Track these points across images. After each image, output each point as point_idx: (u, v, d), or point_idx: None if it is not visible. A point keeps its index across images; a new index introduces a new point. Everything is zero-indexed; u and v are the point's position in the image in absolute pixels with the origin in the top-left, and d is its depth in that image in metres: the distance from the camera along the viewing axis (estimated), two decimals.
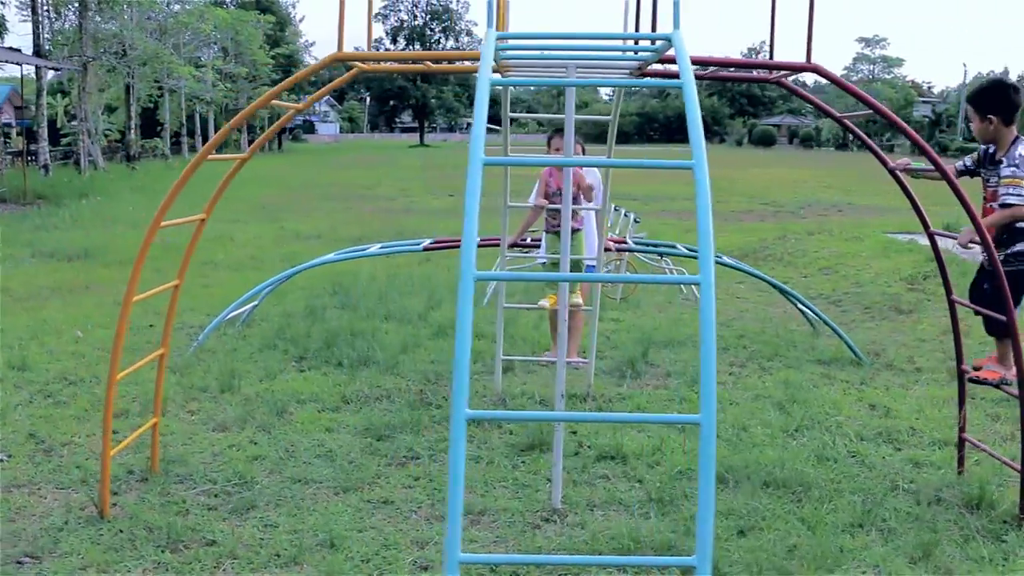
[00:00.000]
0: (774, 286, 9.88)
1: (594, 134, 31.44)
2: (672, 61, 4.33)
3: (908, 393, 7.64)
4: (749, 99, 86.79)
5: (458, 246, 10.27)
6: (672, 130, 72.91)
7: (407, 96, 71.35)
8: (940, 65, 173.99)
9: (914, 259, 13.36)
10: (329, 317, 9.89)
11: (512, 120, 7.08)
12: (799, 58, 4.91)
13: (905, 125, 5.50)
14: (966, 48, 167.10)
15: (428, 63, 4.92)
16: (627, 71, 4.76)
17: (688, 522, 5.03)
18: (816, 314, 9.19)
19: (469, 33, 72.39)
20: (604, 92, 75.82)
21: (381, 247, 9.53)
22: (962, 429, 5.85)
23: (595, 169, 8.12)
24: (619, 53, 4.75)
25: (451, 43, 72.21)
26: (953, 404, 7.27)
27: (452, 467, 3.03)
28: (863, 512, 5.14)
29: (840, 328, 9.13)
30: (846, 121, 5.88)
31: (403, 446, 6.12)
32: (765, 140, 75.79)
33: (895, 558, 4.65)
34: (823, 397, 7.39)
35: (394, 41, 71.88)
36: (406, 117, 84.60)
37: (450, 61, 5.22)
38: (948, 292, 5.78)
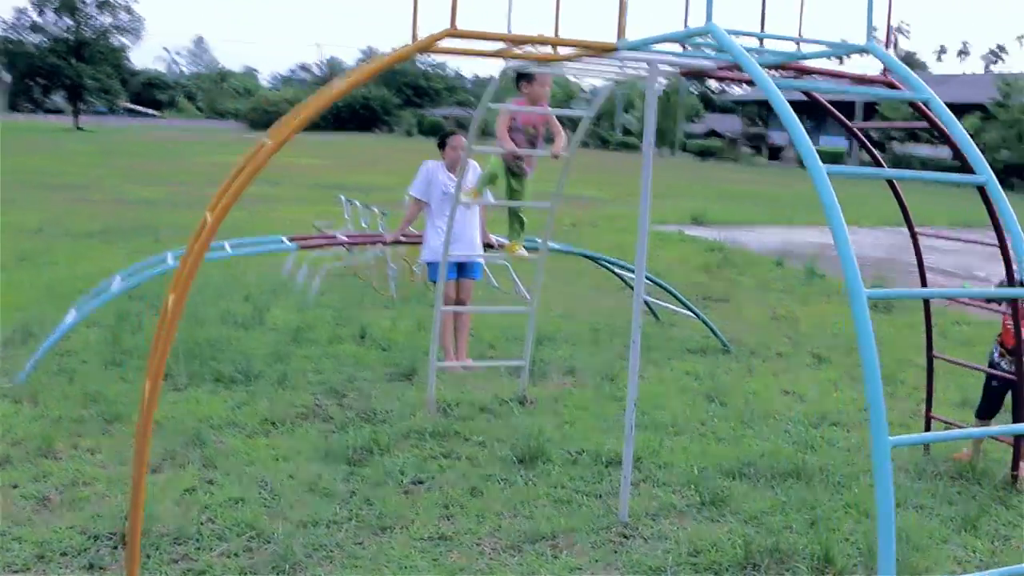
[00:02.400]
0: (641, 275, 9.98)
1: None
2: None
3: (796, 378, 7.99)
4: (415, 90, 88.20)
5: (330, 244, 9.42)
6: (342, 119, 72.29)
7: (59, 74, 64.54)
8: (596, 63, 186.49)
9: (696, 248, 14.18)
10: (150, 325, 8.61)
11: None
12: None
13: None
14: None
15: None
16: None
17: (751, 521, 4.93)
18: (686, 304, 9.37)
19: (129, 10, 66.71)
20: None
21: (233, 245, 8.41)
22: (929, 409, 6.22)
23: (474, 163, 7.78)
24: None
25: (108, 18, 66.16)
26: (848, 386, 7.76)
27: (880, 502, 2.67)
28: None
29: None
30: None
31: (390, 470, 5.42)
32: (434, 130, 76.97)
33: (945, 530, 4.88)
34: (741, 386, 7.54)
35: (40, 13, 64.57)
36: (57, 98, 76.72)
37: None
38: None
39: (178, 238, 12.42)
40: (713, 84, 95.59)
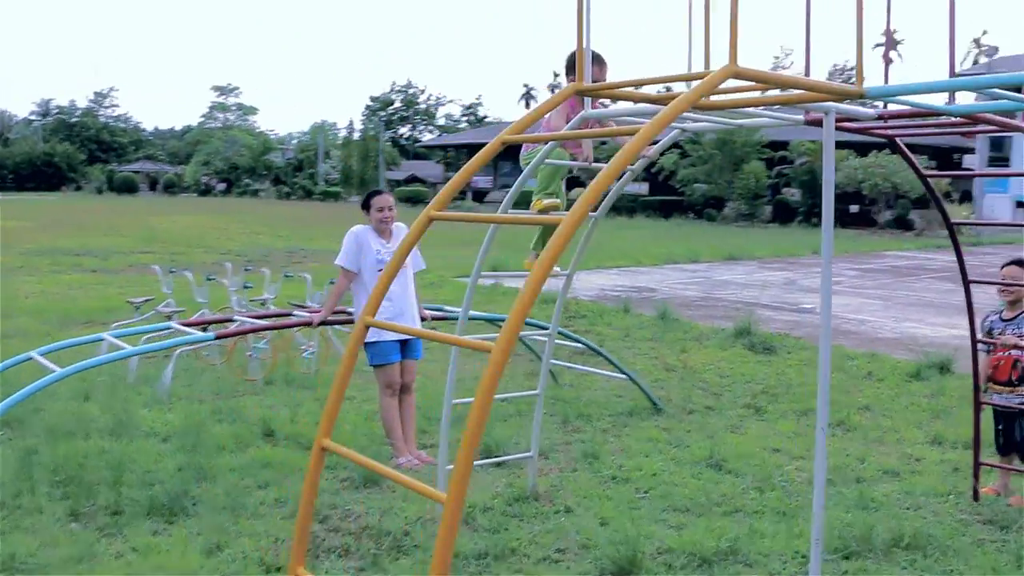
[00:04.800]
0: (580, 341, 9.20)
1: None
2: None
3: (752, 432, 7.62)
4: (99, 144, 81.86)
5: (253, 331, 7.75)
6: (22, 177, 65.13)
7: None
8: (289, 113, 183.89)
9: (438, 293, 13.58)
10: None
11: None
12: None
13: None
14: (311, 97, 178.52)
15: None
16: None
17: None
18: (618, 367, 8.71)
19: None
20: None
21: (137, 340, 6.70)
22: (977, 456, 6.03)
23: (402, 224, 6.83)
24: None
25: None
26: (798, 436, 7.49)
27: None
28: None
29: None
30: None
31: None
32: (128, 187, 71.88)
33: None
34: (733, 448, 7.02)
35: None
36: None
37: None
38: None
39: None
40: (405, 131, 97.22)
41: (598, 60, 4.79)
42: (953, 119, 4.20)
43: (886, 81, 3.62)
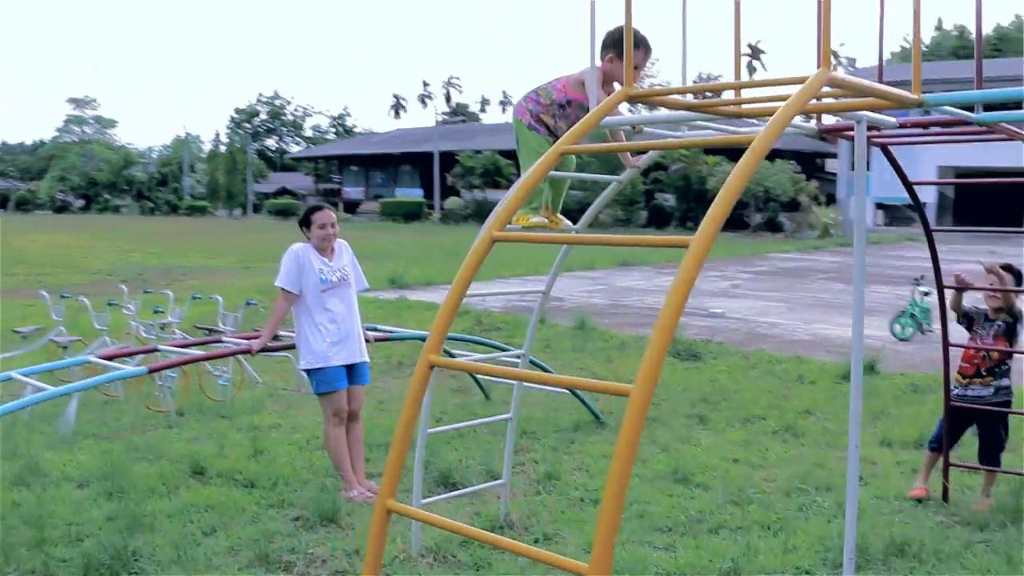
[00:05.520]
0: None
1: None
2: None
3: (705, 443, 7.48)
4: None
5: (187, 362, 7.03)
6: None
7: None
8: (150, 126, 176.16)
9: (435, 314, 13.16)
10: None
11: None
12: None
13: None
14: (173, 110, 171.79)
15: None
16: None
17: None
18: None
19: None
20: None
21: (31, 374, 5.99)
22: (947, 456, 6.00)
23: (344, 242, 6.40)
24: None
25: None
26: (751, 445, 7.38)
27: None
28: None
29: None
30: None
31: None
32: None
33: None
34: (692, 461, 6.82)
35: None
36: None
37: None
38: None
39: None
40: (272, 143, 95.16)
41: (644, 44, 4.30)
42: (971, 127, 4.07)
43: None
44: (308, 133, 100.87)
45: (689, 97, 3.37)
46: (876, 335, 12.15)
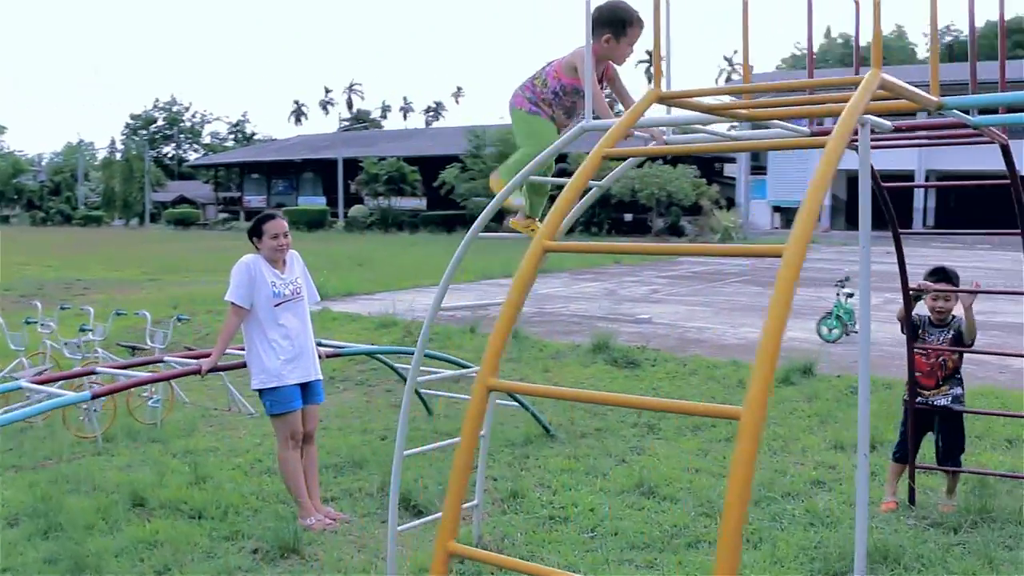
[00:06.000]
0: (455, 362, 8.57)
1: None
2: None
3: (661, 453, 7.40)
4: None
5: (132, 386, 6.54)
6: None
7: None
8: (40, 132, 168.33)
9: (365, 325, 12.87)
10: None
11: None
12: None
13: None
14: (65, 115, 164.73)
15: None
16: None
17: None
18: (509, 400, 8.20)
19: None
20: None
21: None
22: (913, 460, 6.03)
23: (295, 253, 6.12)
24: None
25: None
26: (707, 453, 7.34)
27: None
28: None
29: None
30: None
31: None
32: None
33: None
34: (653, 472, 6.72)
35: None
36: None
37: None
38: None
39: None
40: (169, 150, 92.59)
41: (639, 21, 4.06)
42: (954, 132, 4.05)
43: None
44: (207, 140, 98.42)
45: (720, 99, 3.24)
46: (804, 337, 12.32)
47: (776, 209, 50.90)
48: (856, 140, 3.41)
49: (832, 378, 9.80)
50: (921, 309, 6.07)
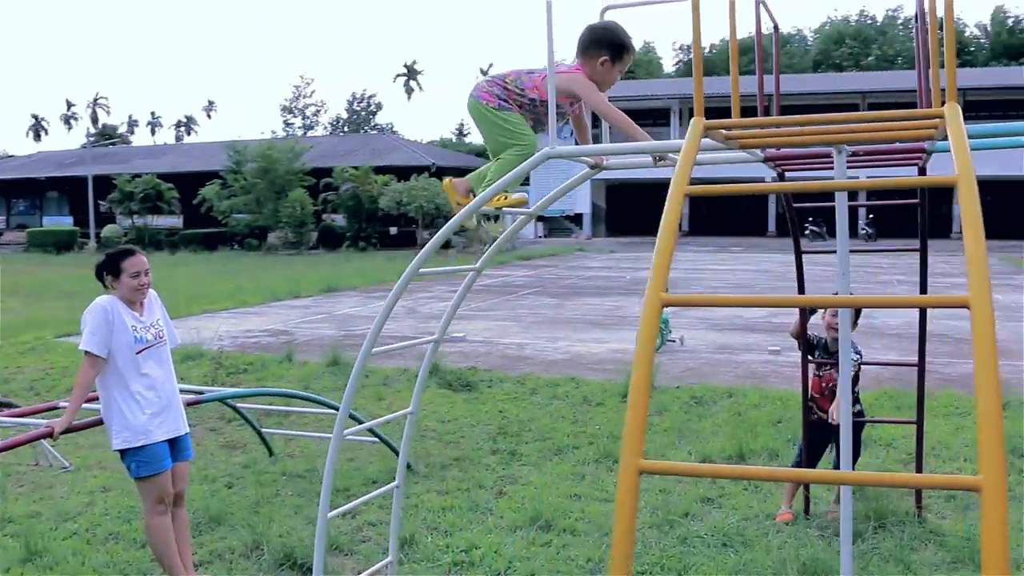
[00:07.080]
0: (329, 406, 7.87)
1: None
2: None
3: (536, 481, 7.20)
4: None
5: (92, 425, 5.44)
6: None
7: None
8: None
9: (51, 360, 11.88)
10: None
11: None
12: None
13: None
14: None
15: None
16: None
17: None
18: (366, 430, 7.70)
19: None
20: None
21: None
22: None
23: (154, 292, 5.49)
24: None
25: None
26: (582, 477, 7.26)
27: None
28: None
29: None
30: None
31: None
32: None
33: None
34: (540, 504, 6.45)
35: None
36: None
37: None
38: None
39: None
40: None
41: (632, 48, 3.77)
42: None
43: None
44: None
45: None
46: (624, 348, 12.54)
47: (539, 219, 52.35)
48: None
49: (671, 389, 9.97)
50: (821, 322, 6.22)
